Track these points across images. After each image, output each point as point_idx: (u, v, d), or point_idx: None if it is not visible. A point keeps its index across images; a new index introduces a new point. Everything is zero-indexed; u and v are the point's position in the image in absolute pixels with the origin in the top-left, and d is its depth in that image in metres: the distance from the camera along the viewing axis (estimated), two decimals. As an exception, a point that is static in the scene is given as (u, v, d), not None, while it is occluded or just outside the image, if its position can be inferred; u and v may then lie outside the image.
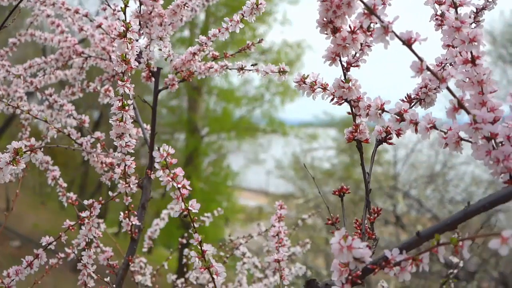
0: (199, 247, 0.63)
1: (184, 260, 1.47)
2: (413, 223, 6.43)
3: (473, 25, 0.68)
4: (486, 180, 6.46)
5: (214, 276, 0.62)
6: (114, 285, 0.90)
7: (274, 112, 11.79)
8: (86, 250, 0.90)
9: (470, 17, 0.58)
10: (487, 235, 0.41)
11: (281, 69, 0.83)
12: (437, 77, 0.49)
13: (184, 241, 1.46)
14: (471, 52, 0.52)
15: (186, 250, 1.22)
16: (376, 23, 0.54)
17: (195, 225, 0.62)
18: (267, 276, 1.29)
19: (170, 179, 0.59)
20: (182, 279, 1.37)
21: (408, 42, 0.50)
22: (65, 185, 1.08)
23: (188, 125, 11.09)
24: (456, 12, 0.54)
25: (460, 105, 0.50)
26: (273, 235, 0.93)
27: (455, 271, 1.08)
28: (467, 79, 0.53)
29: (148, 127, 1.10)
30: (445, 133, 0.54)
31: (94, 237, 0.94)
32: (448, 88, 0.50)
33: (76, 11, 1.07)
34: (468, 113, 0.50)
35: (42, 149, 0.68)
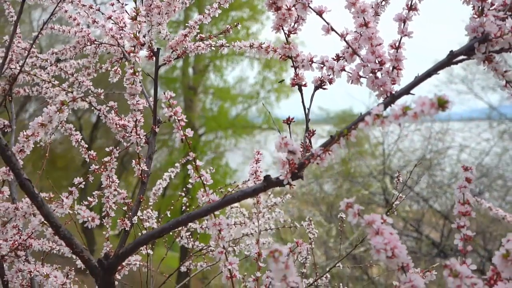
0: (194, 163, 0.91)
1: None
2: (403, 206, 6.74)
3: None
4: (471, 163, 6.77)
5: (205, 182, 0.90)
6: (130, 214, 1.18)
7: (270, 109, 12.07)
8: (108, 188, 1.18)
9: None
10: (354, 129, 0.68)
11: (251, 44, 1.10)
12: (338, 34, 0.77)
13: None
14: (364, 18, 0.80)
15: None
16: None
17: (190, 147, 0.90)
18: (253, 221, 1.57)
19: (173, 114, 0.87)
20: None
21: (320, 13, 0.77)
22: (86, 146, 1.35)
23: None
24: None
25: (354, 52, 0.78)
26: (251, 173, 1.21)
27: (397, 202, 1.36)
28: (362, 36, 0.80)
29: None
30: (351, 73, 0.82)
31: (113, 181, 1.22)
32: (345, 41, 0.78)
33: (90, 7, 1.35)
34: (359, 56, 0.78)
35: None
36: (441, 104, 0.55)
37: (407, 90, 0.74)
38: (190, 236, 1.74)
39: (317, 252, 6.17)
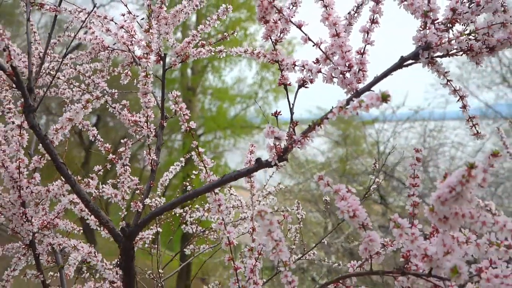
0: (197, 150, 1.09)
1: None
2: (398, 202, 6.94)
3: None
4: (464, 158, 6.98)
5: (206, 165, 1.08)
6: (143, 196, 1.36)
7: (268, 109, 12.25)
8: (123, 174, 1.36)
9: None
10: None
11: (245, 50, 1.29)
12: (314, 43, 0.95)
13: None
14: (335, 29, 0.98)
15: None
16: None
17: (193, 137, 1.09)
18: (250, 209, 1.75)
19: (178, 109, 1.05)
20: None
21: (299, 26, 0.96)
22: (102, 140, 1.53)
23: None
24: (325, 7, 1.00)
25: (327, 57, 0.97)
26: (245, 163, 1.39)
27: (375, 186, 1.54)
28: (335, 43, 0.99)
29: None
30: (325, 74, 1.00)
31: (126, 169, 1.41)
32: (320, 49, 0.96)
33: (105, 17, 1.53)
34: (331, 61, 0.96)
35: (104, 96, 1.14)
36: (384, 97, 0.73)
37: (368, 88, 0.92)
38: (194, 221, 1.93)
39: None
